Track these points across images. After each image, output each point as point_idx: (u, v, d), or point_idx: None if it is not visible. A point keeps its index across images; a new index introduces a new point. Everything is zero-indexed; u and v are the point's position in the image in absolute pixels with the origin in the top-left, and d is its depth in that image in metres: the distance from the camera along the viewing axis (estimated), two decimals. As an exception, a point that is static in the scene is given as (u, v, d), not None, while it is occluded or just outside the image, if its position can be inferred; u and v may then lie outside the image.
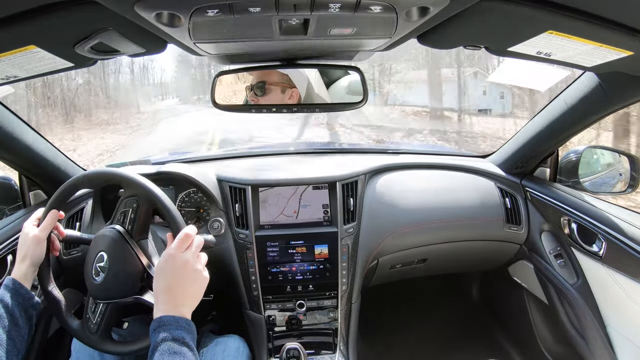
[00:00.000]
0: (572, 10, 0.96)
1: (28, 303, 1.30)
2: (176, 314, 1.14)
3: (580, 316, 1.96)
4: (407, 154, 2.56)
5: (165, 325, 1.10)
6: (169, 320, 1.11)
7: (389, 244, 2.18)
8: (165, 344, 1.06)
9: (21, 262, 1.37)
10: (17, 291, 1.29)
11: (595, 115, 1.79)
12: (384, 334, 2.94)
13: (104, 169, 1.51)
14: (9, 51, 1.06)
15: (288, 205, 2.11)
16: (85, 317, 1.44)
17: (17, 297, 1.28)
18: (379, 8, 0.91)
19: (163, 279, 1.21)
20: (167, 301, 1.17)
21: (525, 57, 1.31)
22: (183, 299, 1.20)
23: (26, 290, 1.31)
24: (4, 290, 1.28)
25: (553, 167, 2.24)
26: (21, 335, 1.26)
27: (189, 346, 1.09)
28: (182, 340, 1.08)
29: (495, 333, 2.85)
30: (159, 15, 0.90)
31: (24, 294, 1.30)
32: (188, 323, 1.14)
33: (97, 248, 1.42)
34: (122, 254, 1.39)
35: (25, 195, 2.09)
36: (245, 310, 2.11)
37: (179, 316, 1.14)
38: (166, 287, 1.20)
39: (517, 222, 2.26)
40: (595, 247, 1.88)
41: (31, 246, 1.39)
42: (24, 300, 1.29)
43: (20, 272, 1.35)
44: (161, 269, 1.23)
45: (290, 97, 1.75)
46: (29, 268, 1.37)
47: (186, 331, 1.11)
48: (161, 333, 1.08)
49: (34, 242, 1.39)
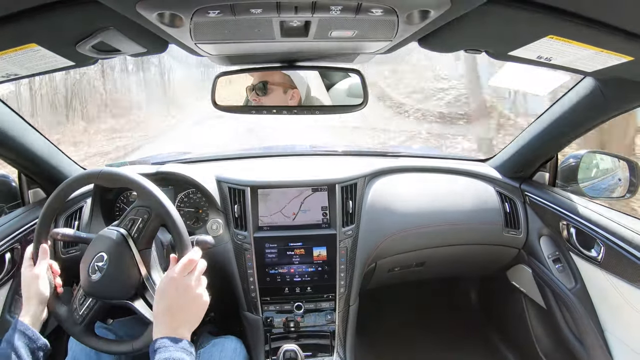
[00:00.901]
0: (572, 15, 0.96)
1: (35, 345, 1.30)
2: (176, 335, 1.16)
3: (578, 321, 1.96)
4: (407, 157, 2.56)
5: (165, 347, 1.12)
6: (169, 342, 1.13)
7: (388, 247, 2.17)
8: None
9: (28, 304, 1.38)
10: (24, 333, 1.29)
11: (595, 120, 1.79)
12: (381, 337, 2.93)
13: (120, 172, 1.49)
14: (9, 49, 1.06)
15: (287, 207, 2.10)
16: (72, 307, 1.45)
17: (24, 339, 1.28)
18: (379, 11, 0.91)
19: (164, 301, 1.23)
20: (168, 323, 1.19)
21: (525, 61, 1.31)
22: (183, 321, 1.22)
23: (33, 332, 1.31)
24: (12, 332, 1.29)
25: (552, 172, 2.23)
26: None
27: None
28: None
29: (493, 337, 2.85)
30: (160, 15, 0.90)
31: (31, 336, 1.30)
32: (188, 345, 1.16)
33: (99, 247, 1.42)
34: (123, 260, 1.39)
35: (24, 193, 2.09)
36: (243, 311, 2.11)
37: (178, 338, 1.16)
38: (167, 309, 1.21)
39: (515, 227, 2.26)
40: (594, 252, 1.87)
41: (32, 285, 1.40)
42: (31, 342, 1.29)
43: (28, 313, 1.36)
44: (163, 291, 1.25)
45: (291, 98, 1.76)
46: (37, 307, 1.38)
47: (186, 353, 1.13)
48: (161, 354, 1.10)
49: (33, 280, 1.41)
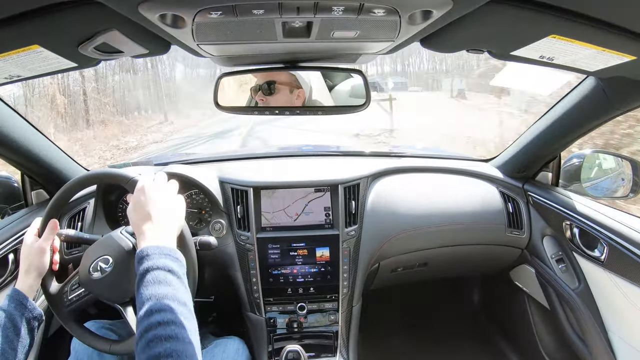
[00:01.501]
0: (575, 14, 0.96)
1: (31, 315, 1.31)
2: (159, 243, 1.13)
3: (582, 321, 1.96)
4: (410, 157, 2.56)
5: (148, 255, 1.08)
6: (152, 250, 1.09)
7: (391, 247, 2.17)
8: (150, 274, 1.04)
9: (26, 274, 1.38)
10: (21, 302, 1.30)
11: (597, 120, 1.78)
12: (384, 337, 2.93)
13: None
14: (12, 50, 1.06)
15: (290, 208, 2.10)
16: (64, 289, 1.46)
17: (20, 309, 1.29)
18: (382, 11, 0.91)
19: (140, 210, 1.22)
20: (151, 231, 1.17)
21: (528, 61, 1.31)
22: (165, 226, 1.20)
23: (30, 302, 1.32)
24: (8, 302, 1.29)
25: (555, 172, 2.23)
26: (23, 345, 1.26)
27: (175, 274, 1.07)
28: (166, 268, 1.06)
29: (496, 338, 2.85)
30: (162, 16, 0.90)
31: (27, 305, 1.30)
32: (173, 251, 1.13)
33: (107, 249, 1.42)
34: (128, 269, 1.39)
35: (27, 194, 2.10)
36: (246, 312, 2.11)
37: (162, 245, 1.12)
38: (146, 216, 1.20)
39: (518, 227, 2.25)
40: (597, 252, 1.87)
41: (35, 257, 1.40)
42: (27, 311, 1.30)
43: (25, 283, 1.36)
44: (136, 202, 1.24)
45: (297, 98, 1.75)
46: (35, 279, 1.38)
47: (171, 259, 1.10)
48: (144, 263, 1.07)
49: (37, 253, 1.40)
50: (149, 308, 0.98)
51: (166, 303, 0.99)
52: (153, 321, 0.95)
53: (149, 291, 1.01)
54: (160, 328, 0.94)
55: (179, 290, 1.04)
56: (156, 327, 0.94)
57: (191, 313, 1.03)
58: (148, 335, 0.93)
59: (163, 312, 0.97)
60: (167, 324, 0.95)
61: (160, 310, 0.97)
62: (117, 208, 2.16)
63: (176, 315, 0.97)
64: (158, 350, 0.90)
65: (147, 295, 1.00)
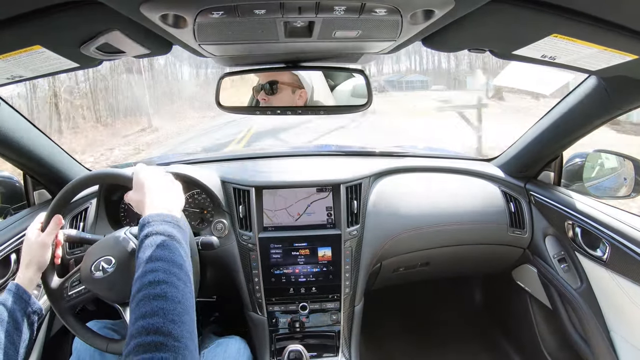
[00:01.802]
0: (576, 13, 0.96)
1: (30, 309, 1.31)
2: (161, 212, 1.13)
3: (584, 321, 1.96)
4: (412, 157, 2.56)
5: (149, 222, 1.08)
6: (153, 217, 1.09)
7: (393, 247, 2.17)
8: (148, 239, 1.04)
9: (26, 268, 1.37)
10: (21, 297, 1.29)
11: (599, 119, 1.78)
12: (386, 337, 2.93)
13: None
14: (14, 51, 1.06)
15: (292, 208, 2.11)
16: (64, 284, 1.46)
17: (20, 303, 1.28)
18: (383, 11, 0.91)
19: (141, 189, 1.23)
20: (152, 204, 1.17)
21: (529, 60, 1.31)
22: (168, 200, 1.20)
23: (29, 296, 1.32)
24: (8, 295, 1.28)
25: (557, 171, 2.23)
26: (22, 339, 1.26)
27: (175, 238, 1.06)
28: (166, 233, 1.06)
29: (498, 337, 2.85)
30: (164, 16, 0.90)
31: (27, 299, 1.30)
32: (174, 218, 1.12)
33: (108, 250, 1.42)
34: (130, 272, 1.39)
35: (29, 194, 2.10)
36: (248, 311, 2.11)
37: (164, 213, 1.12)
38: (147, 193, 1.20)
39: (520, 226, 2.25)
40: (599, 251, 1.87)
41: (37, 251, 1.39)
42: (26, 305, 1.30)
43: (25, 277, 1.35)
44: (136, 183, 1.26)
45: (299, 98, 1.76)
46: (35, 274, 1.38)
47: (172, 225, 1.09)
48: (144, 230, 1.06)
49: (39, 247, 1.40)
50: (142, 270, 0.98)
51: (159, 264, 0.98)
52: (144, 281, 0.95)
53: (145, 254, 1.01)
54: (151, 287, 0.93)
55: (176, 253, 1.04)
56: (147, 287, 0.93)
57: (187, 276, 1.02)
58: (139, 295, 0.93)
59: (155, 273, 0.96)
60: (158, 283, 0.94)
61: (153, 271, 0.96)
62: (119, 208, 2.16)
63: (168, 276, 0.97)
64: (145, 310, 0.90)
65: (142, 259, 1.00)
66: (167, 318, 0.89)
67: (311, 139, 15.88)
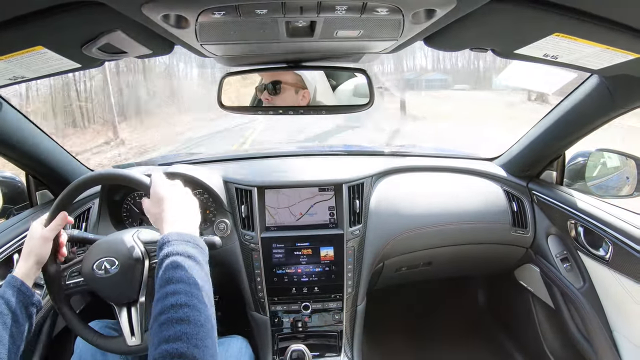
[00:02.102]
0: (578, 12, 0.96)
1: (29, 301, 1.30)
2: (181, 230, 1.14)
3: (587, 320, 1.95)
4: (414, 156, 2.56)
5: (169, 241, 1.09)
6: (173, 237, 1.10)
7: (395, 247, 2.17)
8: (168, 259, 1.04)
9: (25, 260, 1.36)
10: (19, 289, 1.29)
11: (601, 118, 1.78)
12: (389, 337, 2.93)
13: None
14: (16, 52, 1.07)
15: (294, 207, 2.11)
16: (63, 273, 1.47)
17: (18, 295, 1.28)
18: (385, 10, 0.91)
19: (160, 203, 1.23)
20: (171, 220, 1.18)
21: (531, 59, 1.31)
22: (186, 218, 1.22)
23: (27, 288, 1.31)
24: (6, 288, 1.28)
25: (560, 170, 2.23)
26: (21, 332, 1.26)
27: (195, 259, 1.07)
28: (186, 254, 1.06)
29: (501, 337, 2.84)
30: (166, 17, 0.90)
31: (25, 291, 1.30)
32: (194, 238, 1.13)
33: (113, 251, 1.42)
34: (132, 276, 1.40)
35: (32, 194, 2.10)
36: (251, 311, 2.11)
37: (183, 232, 1.13)
38: (166, 208, 1.21)
39: (523, 226, 2.25)
40: (602, 251, 1.87)
41: (37, 244, 1.38)
42: (25, 298, 1.29)
43: (23, 269, 1.34)
44: (155, 195, 1.26)
45: (302, 98, 1.76)
46: (33, 266, 1.37)
47: (192, 245, 1.10)
48: (165, 249, 1.07)
49: (41, 241, 1.39)
50: (164, 292, 0.98)
51: (181, 287, 0.99)
52: (166, 304, 0.95)
53: (167, 275, 1.01)
54: (173, 311, 0.94)
55: (197, 275, 1.04)
56: (169, 310, 0.94)
57: (208, 298, 1.03)
58: (161, 318, 0.93)
59: (177, 295, 0.97)
60: (180, 306, 0.95)
61: (175, 294, 0.97)
62: (122, 208, 2.16)
63: (190, 298, 0.97)
64: (168, 333, 0.90)
65: (164, 279, 1.01)
66: (191, 343, 0.90)
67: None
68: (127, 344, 1.43)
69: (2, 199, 2.02)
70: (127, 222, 2.16)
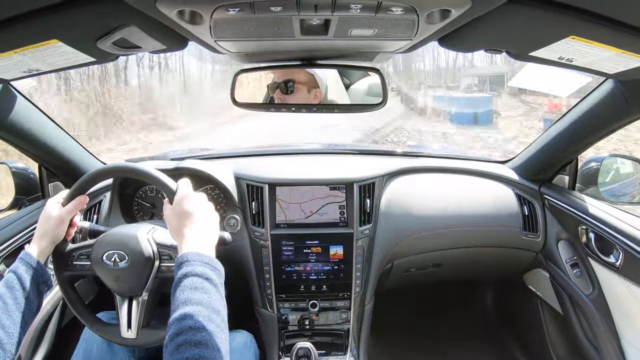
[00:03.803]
0: (595, 15, 0.95)
1: (41, 279, 1.31)
2: (200, 251, 1.14)
3: (595, 327, 1.94)
4: (426, 157, 2.55)
5: (188, 261, 1.09)
6: (192, 257, 1.11)
7: (404, 247, 2.17)
8: (187, 280, 1.05)
9: (40, 239, 1.37)
10: (32, 266, 1.30)
11: (616, 123, 1.76)
12: (395, 337, 2.93)
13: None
14: (32, 45, 1.07)
15: (305, 205, 2.11)
16: (72, 253, 1.47)
17: (31, 271, 1.29)
18: (400, 10, 0.91)
19: (183, 216, 1.23)
20: (191, 238, 1.18)
21: (546, 62, 1.30)
22: (205, 235, 1.22)
23: (41, 266, 1.32)
24: (19, 264, 1.29)
25: (572, 175, 2.21)
26: (30, 309, 1.27)
27: (212, 282, 1.08)
28: (204, 276, 1.07)
29: (508, 341, 2.83)
30: (180, 12, 0.91)
31: (38, 269, 1.30)
32: (212, 260, 1.14)
33: (125, 246, 1.42)
34: (141, 274, 1.41)
35: (44, 186, 2.12)
36: (258, 307, 2.12)
37: (203, 253, 1.14)
38: (187, 224, 1.21)
39: (534, 230, 2.23)
40: (613, 257, 1.85)
41: (53, 225, 1.39)
42: (37, 275, 1.30)
43: (37, 248, 1.35)
44: (178, 206, 1.26)
45: (314, 97, 1.76)
46: (47, 246, 1.37)
47: (210, 268, 1.11)
48: (183, 268, 1.08)
49: (57, 222, 1.40)
50: (182, 312, 0.99)
51: (199, 309, 1.00)
52: (185, 325, 0.96)
53: (185, 295, 1.03)
54: (192, 333, 0.95)
55: (215, 298, 1.06)
56: (187, 332, 0.95)
57: (224, 322, 1.04)
58: (179, 339, 0.94)
59: (196, 318, 0.98)
60: (199, 329, 0.96)
61: (193, 316, 0.98)
62: (133, 201, 2.17)
63: (208, 322, 0.99)
64: (186, 355, 0.91)
65: (182, 299, 1.02)
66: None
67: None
68: (121, 335, 1.44)
69: (14, 190, 2.04)
70: (138, 215, 2.17)
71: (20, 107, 1.71)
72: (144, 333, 1.42)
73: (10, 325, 1.18)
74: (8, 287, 1.24)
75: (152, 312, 1.45)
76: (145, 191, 2.17)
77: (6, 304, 1.20)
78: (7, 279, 1.25)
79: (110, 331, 1.46)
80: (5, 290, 1.23)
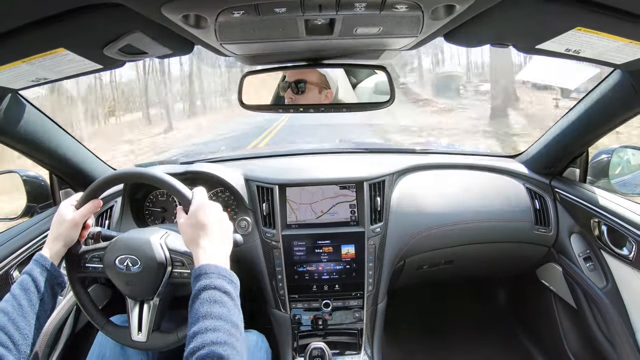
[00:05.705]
0: (601, 6, 0.95)
1: (55, 281, 1.32)
2: (218, 263, 1.16)
3: (609, 321, 1.93)
4: (435, 154, 2.54)
5: (206, 274, 1.11)
6: (210, 269, 1.12)
7: (416, 245, 2.17)
8: (206, 293, 1.07)
9: (54, 242, 1.38)
10: (46, 267, 1.30)
11: (626, 114, 1.74)
12: (409, 335, 2.92)
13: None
14: (39, 54, 1.08)
15: (316, 205, 2.11)
16: (85, 255, 1.47)
17: (45, 273, 1.29)
18: (404, 7, 0.91)
19: (198, 227, 1.24)
20: (207, 249, 1.19)
21: (553, 54, 1.29)
22: (219, 246, 1.23)
23: (55, 268, 1.32)
24: (34, 266, 1.30)
25: (583, 168, 2.19)
26: (45, 310, 1.27)
27: (230, 296, 1.10)
28: (223, 289, 1.09)
29: (522, 336, 2.82)
30: (185, 17, 0.91)
31: (52, 271, 1.31)
32: (229, 273, 1.15)
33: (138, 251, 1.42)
34: (152, 279, 1.41)
35: (55, 193, 2.13)
36: (271, 309, 2.12)
37: (220, 266, 1.15)
38: (203, 235, 1.22)
39: (545, 224, 2.22)
40: (626, 250, 1.84)
41: (67, 228, 1.39)
42: (51, 277, 1.30)
43: (51, 250, 1.36)
44: (194, 216, 1.26)
45: (325, 98, 1.76)
46: (61, 248, 1.38)
47: (227, 281, 1.12)
48: (202, 281, 1.09)
49: (71, 225, 1.40)
50: (203, 326, 1.00)
51: (220, 324, 1.01)
52: (207, 340, 0.97)
53: (204, 309, 1.04)
54: (214, 347, 0.96)
55: (233, 312, 1.07)
56: (209, 346, 0.96)
57: (242, 335, 1.06)
58: (201, 353, 0.95)
59: (216, 332, 0.99)
60: (221, 344, 0.97)
61: (214, 330, 1.00)
62: (144, 206, 2.18)
63: (229, 337, 1.00)
64: None
65: (202, 313, 1.03)
66: None
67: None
68: (131, 338, 1.44)
69: (26, 198, 2.05)
70: (150, 219, 2.18)
71: (30, 116, 1.72)
72: (154, 336, 1.42)
73: (25, 326, 1.19)
74: (23, 289, 1.24)
75: (163, 315, 1.45)
76: (155, 195, 2.19)
77: (21, 306, 1.21)
78: (21, 281, 1.26)
79: (120, 333, 1.46)
80: (20, 292, 1.24)
